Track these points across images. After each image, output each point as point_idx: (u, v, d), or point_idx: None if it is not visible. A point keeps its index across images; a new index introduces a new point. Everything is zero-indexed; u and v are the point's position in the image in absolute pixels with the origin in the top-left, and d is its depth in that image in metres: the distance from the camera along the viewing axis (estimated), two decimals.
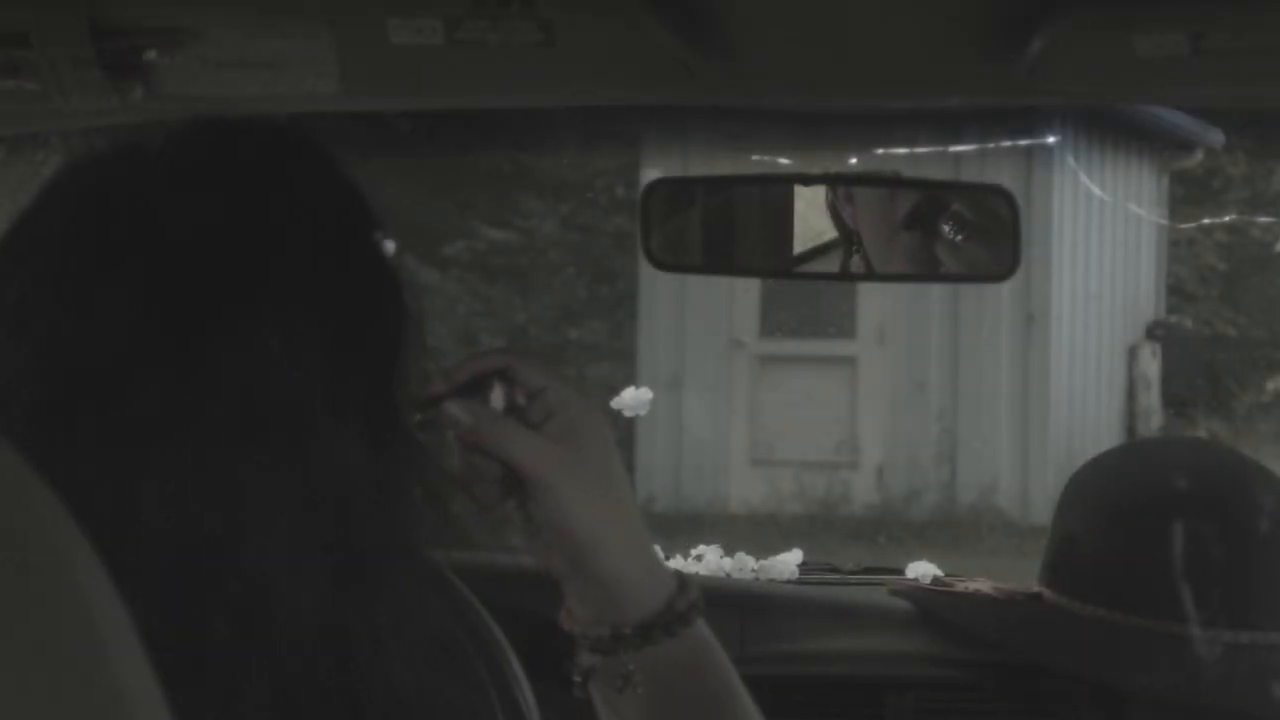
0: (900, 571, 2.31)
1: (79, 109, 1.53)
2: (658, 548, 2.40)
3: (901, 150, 1.88)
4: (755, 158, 1.92)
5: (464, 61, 1.50)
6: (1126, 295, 10.65)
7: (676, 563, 2.36)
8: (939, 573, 2.27)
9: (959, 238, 1.77)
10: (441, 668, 1.08)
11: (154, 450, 1.03)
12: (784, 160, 1.87)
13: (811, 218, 1.77)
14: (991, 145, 2.10)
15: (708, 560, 2.36)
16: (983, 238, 1.76)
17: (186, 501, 1.02)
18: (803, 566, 2.36)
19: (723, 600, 2.21)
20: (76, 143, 1.14)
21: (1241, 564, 2.01)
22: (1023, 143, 2.09)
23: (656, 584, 1.21)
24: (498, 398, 1.19)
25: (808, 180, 1.77)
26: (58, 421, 1.04)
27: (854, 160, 1.80)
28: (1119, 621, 2.02)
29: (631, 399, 2.31)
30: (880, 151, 1.87)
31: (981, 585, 2.18)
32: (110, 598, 0.63)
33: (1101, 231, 10.44)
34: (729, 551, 2.38)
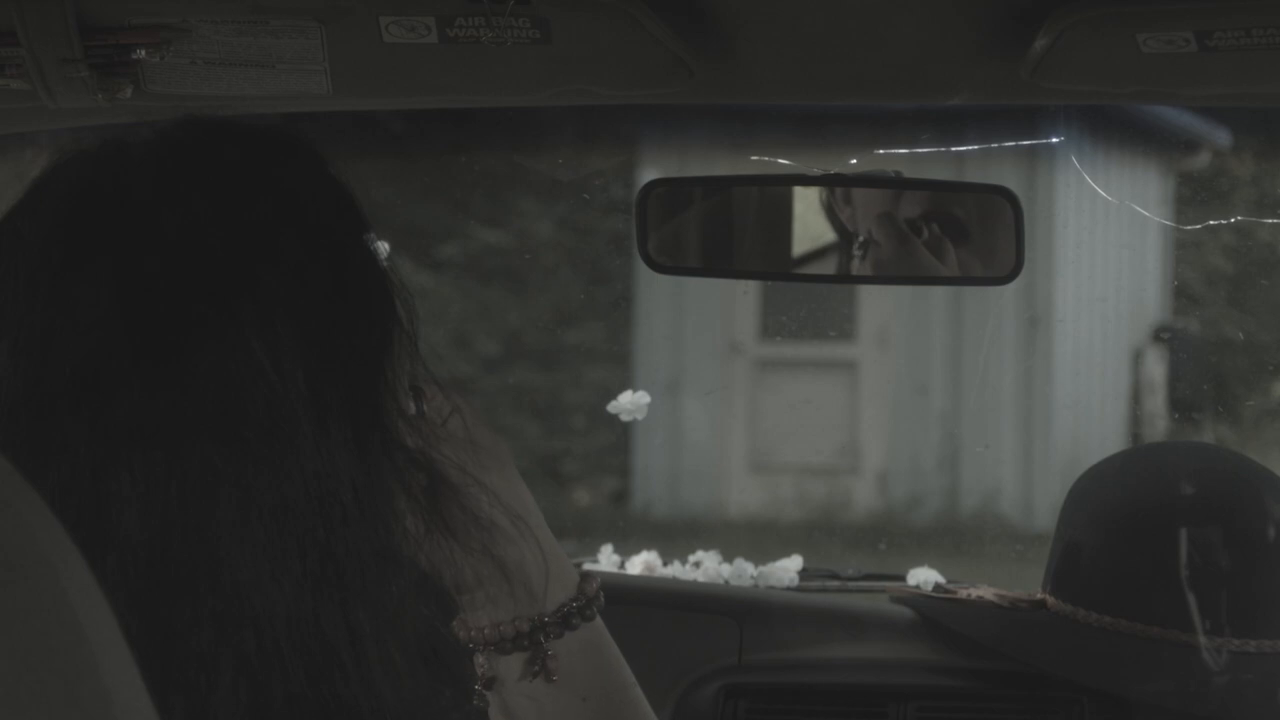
0: (902, 578, 2.30)
1: (67, 108, 1.52)
2: (655, 553, 2.38)
3: (903, 150, 1.86)
4: (754, 158, 1.90)
5: (457, 60, 1.48)
6: (1132, 298, 10.64)
7: (675, 569, 2.36)
8: (941, 579, 2.26)
9: (961, 239, 1.75)
10: (430, 673, 1.08)
11: (134, 451, 1.02)
12: (783, 161, 1.86)
13: (811, 219, 1.76)
14: (995, 145, 2.08)
15: (706, 567, 2.35)
16: (985, 239, 1.75)
17: (165, 503, 1.01)
18: (803, 573, 2.35)
19: (721, 607, 2.20)
20: (65, 141, 1.13)
21: (1248, 571, 1.99)
22: (1026, 143, 2.07)
23: (567, 570, 1.25)
24: (411, 404, 1.20)
25: (807, 181, 1.76)
26: (37, 420, 1.03)
27: (854, 161, 1.78)
28: (1123, 629, 2.01)
29: (629, 403, 2.30)
30: (881, 152, 1.85)
31: (984, 592, 2.17)
32: (98, 603, 0.63)
33: (1106, 233, 10.43)
34: (728, 558, 2.37)
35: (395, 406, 1.10)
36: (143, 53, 1.47)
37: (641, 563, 2.35)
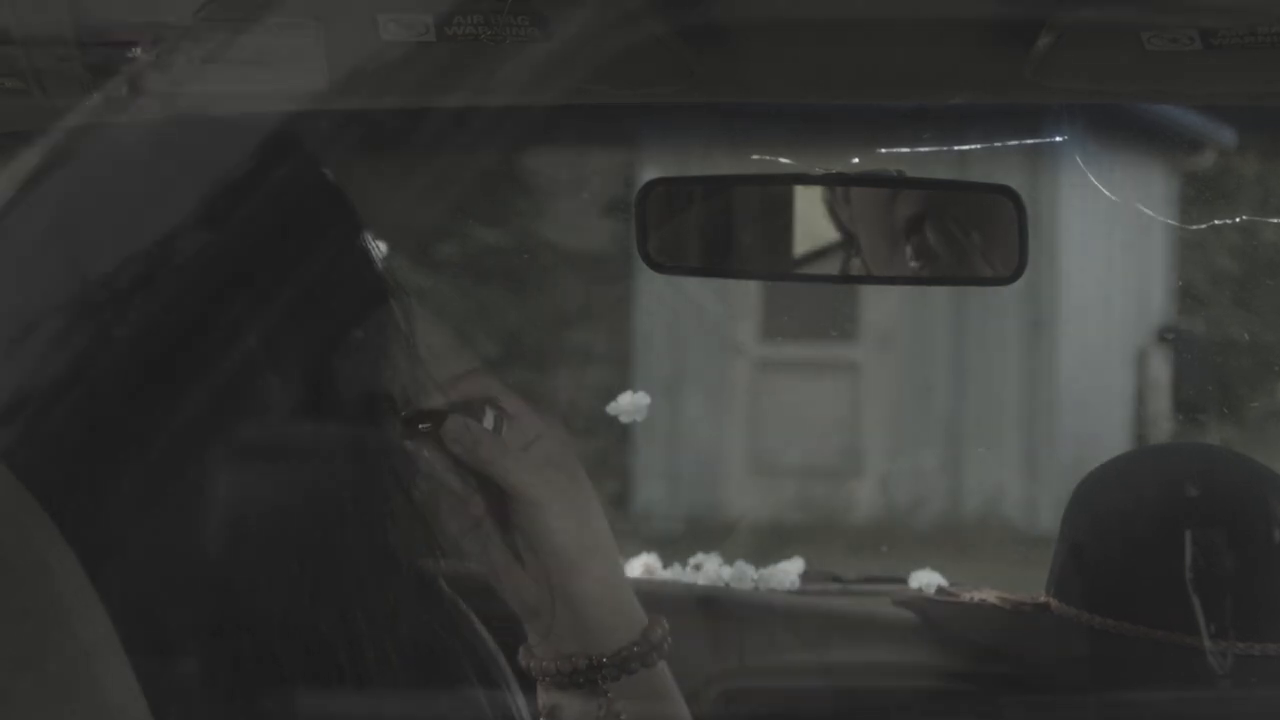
0: (904, 581, 2.29)
1: (63, 107, 1.51)
2: (655, 556, 2.37)
3: (905, 150, 1.85)
4: (755, 157, 1.90)
5: (456, 58, 1.48)
6: (1136, 299, 10.64)
7: (675, 571, 2.35)
8: (944, 582, 2.25)
9: (964, 239, 1.74)
10: (427, 677, 1.07)
11: (129, 450, 1.02)
12: (784, 160, 1.85)
13: (812, 219, 1.75)
14: (998, 145, 2.07)
15: (707, 569, 2.34)
16: (988, 239, 1.74)
17: (161, 504, 1.01)
18: (804, 576, 2.34)
19: (722, 610, 2.19)
20: (60, 142, 1.13)
21: (1252, 574, 1.99)
22: (1029, 142, 2.07)
23: (632, 613, 1.22)
24: (489, 420, 1.20)
25: (808, 180, 1.75)
26: (32, 422, 1.03)
27: (856, 160, 1.77)
28: (1127, 632, 2.00)
29: (629, 404, 2.29)
30: (883, 151, 1.84)
31: (987, 595, 2.16)
32: (95, 608, 0.63)
33: (1110, 233, 10.43)
34: (728, 560, 2.36)
35: (393, 407, 1.10)
36: (138, 51, 1.47)
37: (641, 565, 2.34)
